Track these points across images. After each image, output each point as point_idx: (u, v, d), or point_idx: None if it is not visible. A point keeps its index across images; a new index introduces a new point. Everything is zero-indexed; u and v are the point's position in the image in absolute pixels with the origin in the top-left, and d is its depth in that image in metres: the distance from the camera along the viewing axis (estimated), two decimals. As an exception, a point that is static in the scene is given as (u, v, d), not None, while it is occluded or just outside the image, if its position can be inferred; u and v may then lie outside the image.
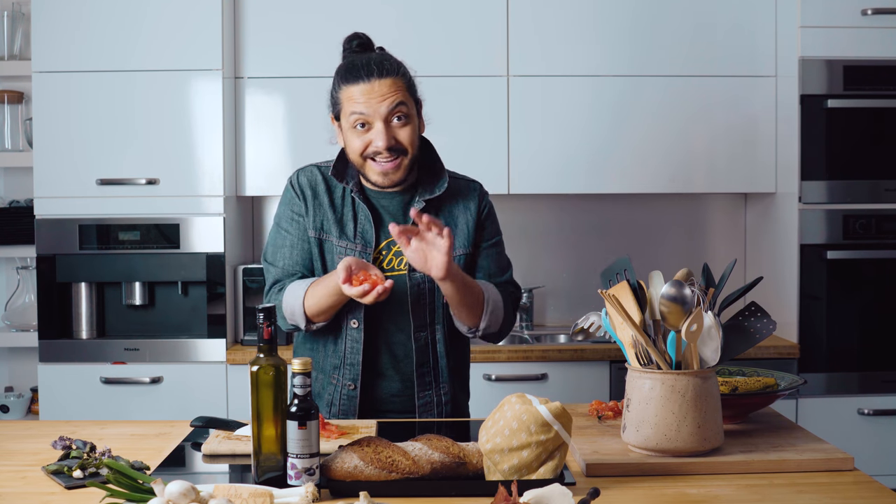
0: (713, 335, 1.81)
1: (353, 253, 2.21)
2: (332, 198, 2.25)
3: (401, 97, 2.15)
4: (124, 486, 1.57)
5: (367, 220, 2.22)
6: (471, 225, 2.28)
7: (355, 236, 2.22)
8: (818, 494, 1.65)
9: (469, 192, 2.31)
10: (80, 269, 3.35)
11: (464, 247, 2.27)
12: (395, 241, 2.17)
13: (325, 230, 2.24)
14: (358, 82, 2.13)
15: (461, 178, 2.34)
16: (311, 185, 2.27)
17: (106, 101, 3.34)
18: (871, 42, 3.34)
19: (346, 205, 2.25)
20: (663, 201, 3.85)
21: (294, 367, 1.65)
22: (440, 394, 2.27)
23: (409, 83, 2.20)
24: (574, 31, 3.49)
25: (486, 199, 2.33)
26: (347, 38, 2.25)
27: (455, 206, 2.28)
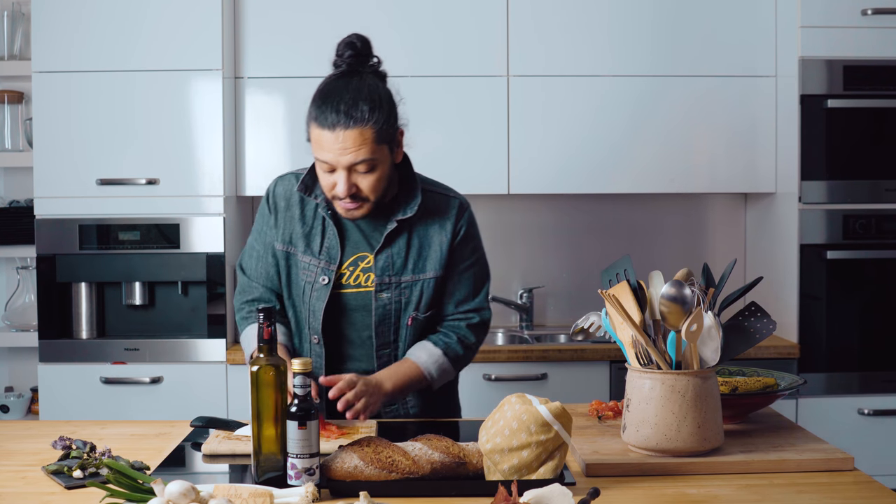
0: (713, 335, 1.81)
1: (316, 269, 2.18)
2: (304, 210, 2.22)
3: (365, 152, 2.04)
4: (124, 486, 1.57)
5: (334, 236, 2.19)
6: (444, 247, 2.22)
7: (320, 252, 2.19)
8: (818, 494, 1.65)
9: (447, 210, 2.23)
10: (80, 269, 3.35)
11: (435, 270, 2.21)
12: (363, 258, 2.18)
13: (292, 243, 2.22)
14: (324, 128, 2.04)
15: (442, 193, 2.26)
16: (286, 195, 2.24)
17: (106, 101, 3.34)
18: (871, 42, 3.34)
19: (316, 218, 2.21)
20: (663, 201, 3.85)
21: (294, 367, 1.65)
22: (406, 408, 2.26)
23: (380, 130, 2.07)
24: (574, 32, 3.49)
25: (464, 219, 2.25)
26: (342, 44, 2.13)
27: (430, 225, 2.21)
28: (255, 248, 2.29)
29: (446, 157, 3.48)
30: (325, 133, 2.04)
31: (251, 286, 2.30)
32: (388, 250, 2.18)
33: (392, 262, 2.18)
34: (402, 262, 2.19)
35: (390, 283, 2.18)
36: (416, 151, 3.47)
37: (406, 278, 2.19)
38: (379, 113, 2.07)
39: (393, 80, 2.24)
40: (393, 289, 2.18)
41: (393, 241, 2.18)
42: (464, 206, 2.26)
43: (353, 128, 2.03)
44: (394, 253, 2.18)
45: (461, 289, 2.26)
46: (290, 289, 2.25)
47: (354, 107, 2.04)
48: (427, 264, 2.20)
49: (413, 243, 2.20)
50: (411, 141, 3.58)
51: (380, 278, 2.17)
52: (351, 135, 2.03)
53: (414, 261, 2.20)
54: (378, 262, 2.18)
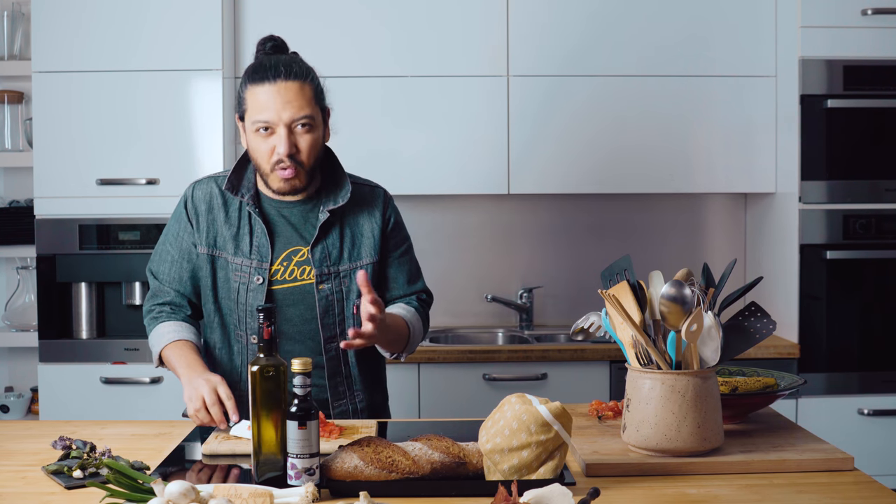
0: (713, 335, 1.81)
1: (249, 270, 2.18)
2: (228, 212, 2.22)
3: (305, 107, 2.09)
4: (124, 486, 1.57)
5: (263, 234, 2.19)
6: (376, 233, 2.25)
7: (251, 251, 2.19)
8: (818, 494, 1.65)
9: (373, 200, 2.28)
10: (80, 269, 3.35)
11: (370, 256, 2.24)
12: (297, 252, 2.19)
13: (218, 247, 2.22)
14: (264, 83, 2.08)
15: (364, 184, 2.31)
16: (206, 199, 2.24)
17: (106, 101, 3.34)
18: (871, 42, 3.34)
19: (242, 218, 2.21)
20: (663, 201, 3.85)
21: (294, 367, 1.65)
22: (355, 401, 2.27)
23: (317, 90, 2.14)
24: (574, 32, 3.49)
25: (391, 206, 2.31)
26: (262, 40, 2.20)
27: (360, 214, 2.25)
28: (170, 252, 2.27)
29: (446, 156, 3.48)
30: (265, 87, 2.08)
31: (162, 290, 2.28)
32: (322, 242, 2.21)
33: (328, 252, 2.20)
34: (337, 253, 2.21)
35: (329, 273, 2.20)
36: (417, 151, 3.49)
37: (344, 267, 2.22)
38: (313, 75, 2.15)
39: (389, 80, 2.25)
40: (333, 279, 2.20)
41: (326, 233, 2.21)
42: (388, 196, 2.33)
43: (294, 80, 2.09)
44: (328, 244, 2.21)
45: (403, 272, 2.31)
46: (217, 291, 2.23)
47: (291, 65, 2.12)
48: (362, 251, 2.24)
49: (346, 233, 2.23)
50: (408, 139, 3.60)
51: (319, 270, 2.19)
52: (292, 87, 2.08)
53: (349, 250, 2.23)
54: (315, 255, 2.19)
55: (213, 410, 2.00)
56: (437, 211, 3.76)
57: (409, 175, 3.48)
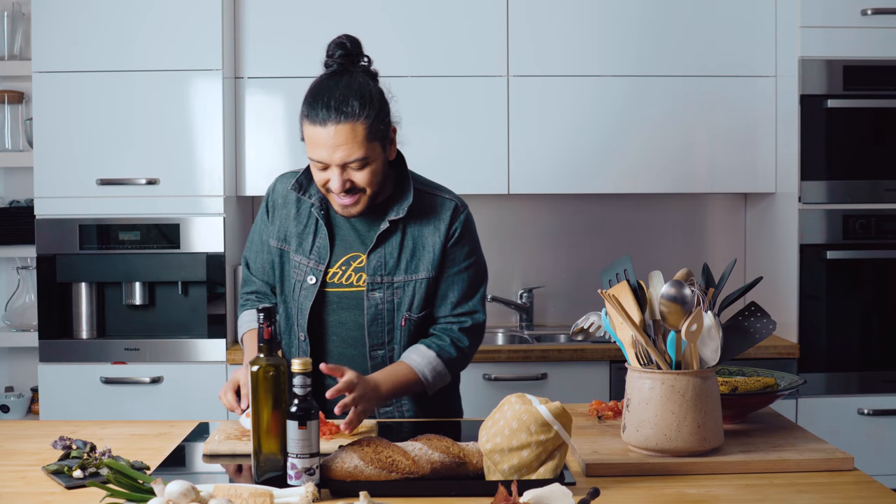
0: (713, 335, 1.81)
1: (306, 269, 2.20)
2: (300, 209, 2.24)
3: (356, 149, 2.04)
4: (124, 486, 1.57)
5: (325, 237, 2.20)
6: (437, 248, 2.20)
7: (311, 251, 2.21)
8: (818, 494, 1.65)
9: (442, 212, 2.21)
10: (80, 269, 3.35)
11: (427, 271, 2.19)
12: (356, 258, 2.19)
13: (286, 241, 2.25)
14: (314, 124, 2.05)
15: (437, 195, 2.24)
16: (284, 194, 2.27)
17: (106, 101, 3.34)
18: (871, 42, 3.34)
19: (310, 218, 2.23)
20: (663, 201, 3.85)
21: (294, 367, 1.65)
22: (401, 409, 2.25)
23: (373, 125, 2.06)
24: (574, 32, 3.49)
25: (459, 221, 2.22)
26: (332, 45, 2.14)
27: (424, 225, 2.20)
28: (255, 242, 2.35)
29: (446, 157, 3.48)
30: (317, 129, 2.05)
31: (251, 279, 2.36)
32: (380, 250, 2.19)
33: (384, 261, 2.18)
34: (394, 263, 2.18)
35: (382, 282, 2.18)
36: (417, 151, 3.48)
37: (398, 278, 2.19)
38: (369, 108, 2.07)
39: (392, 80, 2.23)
40: (385, 288, 2.18)
41: (386, 240, 2.19)
42: (459, 209, 2.24)
43: (344, 122, 2.03)
44: (386, 253, 2.19)
45: (454, 291, 2.23)
46: (283, 285, 2.27)
47: (345, 102, 2.05)
48: (420, 265, 2.19)
49: (406, 244, 2.19)
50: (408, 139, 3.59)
51: (371, 277, 2.18)
52: (342, 130, 2.03)
53: (406, 261, 2.19)
54: (370, 262, 2.18)
55: (225, 397, 2.04)
56: (437, 211, 3.76)
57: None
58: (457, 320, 2.23)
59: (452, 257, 2.22)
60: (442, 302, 2.23)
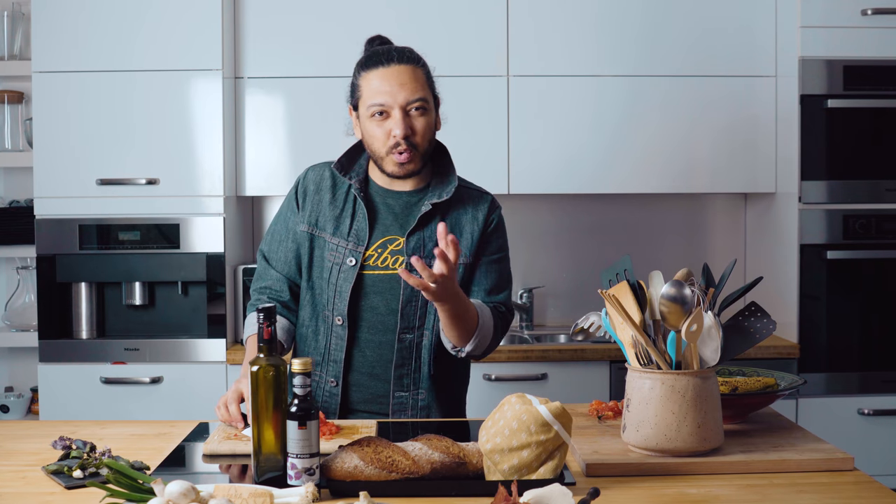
0: (713, 335, 1.81)
1: (345, 251, 2.21)
2: (335, 195, 2.26)
3: (420, 89, 2.16)
4: (124, 486, 1.57)
5: (364, 218, 2.22)
6: (475, 235, 2.25)
7: (349, 234, 2.22)
8: (818, 494, 1.65)
9: (479, 202, 2.28)
10: (80, 269, 3.35)
11: (465, 256, 2.24)
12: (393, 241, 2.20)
13: (318, 226, 2.25)
14: (378, 67, 2.15)
15: (474, 189, 2.32)
16: (316, 181, 2.29)
17: (106, 101, 3.34)
18: (871, 42, 3.34)
19: (347, 202, 2.25)
20: (663, 201, 3.85)
21: (294, 367, 1.65)
22: (416, 398, 2.23)
23: (429, 75, 2.21)
24: (574, 32, 3.49)
25: (496, 213, 2.30)
26: (370, 39, 2.27)
27: (463, 213, 2.26)
28: (279, 231, 2.33)
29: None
30: (381, 71, 2.15)
31: (267, 272, 2.33)
32: (419, 233, 2.21)
33: (423, 244, 2.20)
34: (433, 246, 2.20)
35: None
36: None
37: None
38: (424, 61, 2.22)
39: None
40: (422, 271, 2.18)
41: (426, 224, 2.21)
42: (496, 203, 2.33)
43: (408, 64, 2.16)
44: (426, 236, 2.21)
45: (489, 279, 2.27)
46: (312, 270, 2.26)
47: (406, 51, 2.19)
48: None
49: None
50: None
51: (409, 258, 2.19)
52: (406, 70, 2.15)
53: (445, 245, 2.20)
54: (409, 244, 2.20)
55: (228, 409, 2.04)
56: (437, 211, 3.76)
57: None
58: (492, 304, 2.25)
59: (489, 246, 2.27)
60: (476, 287, 2.26)
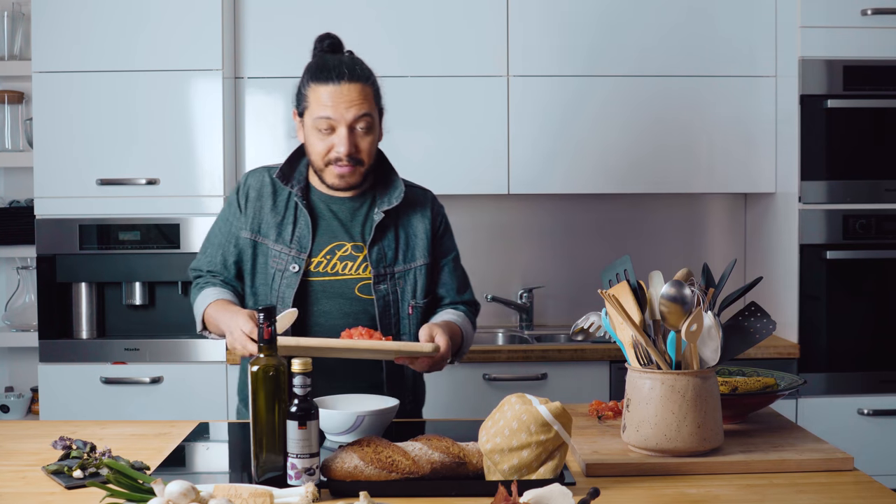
0: (713, 335, 1.81)
1: (287, 257, 2.21)
2: (276, 201, 2.26)
3: (367, 107, 2.16)
4: (124, 486, 1.57)
5: (306, 225, 2.22)
6: (428, 234, 2.30)
7: (291, 240, 2.23)
8: (818, 494, 1.65)
9: (424, 201, 2.33)
10: (80, 269, 3.35)
11: (424, 257, 2.28)
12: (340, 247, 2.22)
13: (262, 233, 2.25)
14: (328, 83, 2.14)
15: (415, 187, 2.35)
16: (257, 187, 2.29)
17: (106, 101, 3.34)
18: (871, 42, 3.34)
19: (289, 208, 2.25)
20: (663, 201, 3.85)
21: (294, 367, 1.65)
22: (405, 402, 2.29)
23: (376, 92, 2.21)
24: (573, 32, 3.49)
25: (441, 213, 2.36)
26: (319, 38, 2.25)
27: (413, 214, 2.30)
28: (217, 235, 2.32)
29: (446, 157, 3.48)
30: (329, 87, 2.14)
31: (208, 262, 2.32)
32: (379, 243, 2.24)
33: (384, 253, 2.24)
34: (392, 254, 2.25)
35: (385, 274, 2.23)
36: (417, 151, 3.49)
37: (399, 268, 2.25)
38: (374, 76, 2.21)
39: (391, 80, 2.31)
40: (388, 280, 2.23)
41: (382, 233, 2.25)
42: (436, 199, 2.38)
43: (356, 82, 2.15)
44: (384, 245, 2.25)
45: (454, 279, 2.35)
46: (255, 277, 2.27)
47: (357, 65, 2.18)
48: (416, 253, 2.28)
49: (400, 234, 2.27)
50: (408, 138, 3.60)
51: (376, 270, 2.22)
52: (355, 88, 2.14)
53: (403, 251, 2.26)
54: (372, 255, 2.23)
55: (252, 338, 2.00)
56: (437, 211, 3.76)
57: (410, 175, 3.44)
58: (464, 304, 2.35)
59: (445, 246, 2.34)
60: (446, 289, 2.34)
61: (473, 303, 2.39)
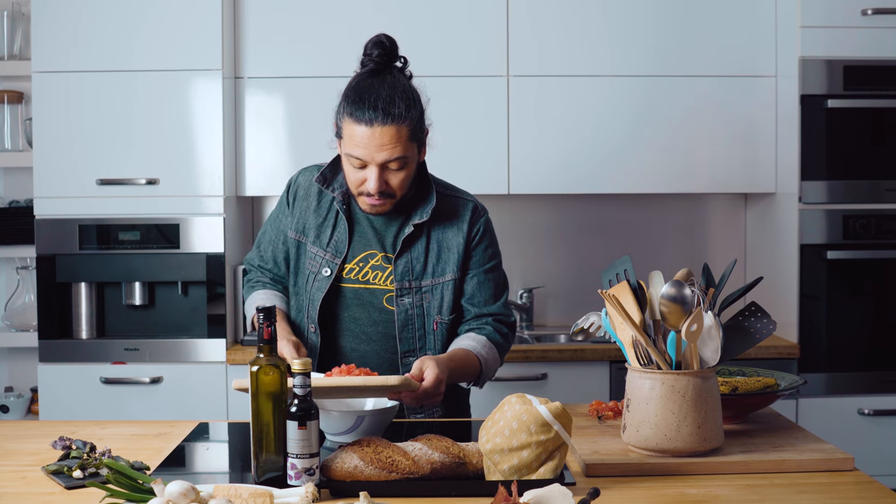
0: (713, 335, 1.81)
1: (322, 260, 2.20)
2: (321, 202, 2.25)
3: (399, 150, 2.06)
4: (124, 486, 1.57)
5: (344, 231, 2.21)
6: (461, 249, 2.21)
7: (328, 244, 2.21)
8: (818, 494, 1.65)
9: (463, 213, 2.24)
10: (80, 269, 3.35)
11: (454, 272, 2.21)
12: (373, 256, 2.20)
13: (304, 233, 2.25)
14: (360, 123, 2.05)
15: (458, 197, 2.27)
16: (306, 186, 2.28)
17: (106, 101, 3.34)
18: (871, 42, 3.34)
19: (330, 211, 2.24)
20: (663, 201, 3.85)
21: (294, 367, 1.65)
22: (432, 411, 2.25)
23: (415, 126, 2.09)
24: (574, 32, 3.49)
25: (480, 221, 2.25)
26: (370, 44, 2.13)
27: (448, 227, 2.22)
28: (269, 231, 2.35)
29: (446, 157, 3.47)
30: (362, 128, 2.05)
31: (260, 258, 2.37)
32: (406, 255, 2.19)
33: (411, 266, 2.19)
34: (421, 267, 2.20)
35: (410, 287, 2.19)
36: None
37: (426, 282, 2.20)
38: (414, 111, 2.09)
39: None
40: (413, 293, 2.19)
41: (411, 245, 2.19)
42: (479, 210, 2.27)
43: (391, 125, 2.04)
44: (413, 258, 2.19)
45: (483, 291, 2.24)
46: (297, 277, 2.27)
47: (392, 104, 2.05)
48: (447, 267, 2.21)
49: (431, 247, 2.20)
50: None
51: (400, 283, 2.18)
52: (388, 131, 2.04)
53: (433, 264, 2.20)
54: (398, 267, 2.18)
55: None
56: (437, 211, 3.76)
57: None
58: (491, 318, 2.25)
59: (479, 257, 2.24)
60: (471, 302, 2.24)
61: (502, 315, 2.26)
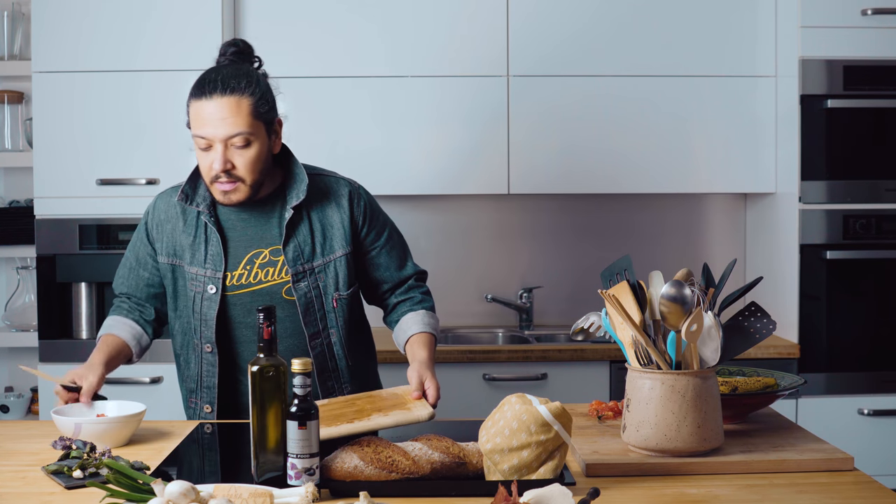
0: (713, 335, 1.81)
1: (204, 279, 2.18)
2: (186, 221, 2.21)
3: (241, 123, 2.06)
4: (124, 486, 1.57)
5: (218, 243, 2.18)
6: (346, 223, 2.22)
7: (206, 261, 2.18)
8: (818, 494, 1.65)
9: (339, 190, 2.25)
10: (80, 269, 3.35)
11: (343, 248, 2.22)
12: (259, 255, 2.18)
13: (177, 256, 2.22)
14: (200, 98, 2.07)
15: (331, 177, 2.29)
16: (166, 209, 2.24)
17: (106, 100, 3.33)
18: (871, 42, 3.34)
19: (199, 227, 2.20)
20: (663, 201, 3.85)
21: (294, 367, 1.65)
22: (344, 394, 2.24)
23: (258, 103, 2.09)
24: (574, 32, 3.49)
25: (357, 194, 2.27)
26: (224, 45, 2.20)
27: (327, 205, 2.23)
28: (128, 260, 2.32)
29: (446, 156, 3.48)
30: (203, 103, 2.07)
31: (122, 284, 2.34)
32: (293, 240, 2.19)
33: (301, 250, 2.19)
34: (310, 249, 2.20)
35: (304, 270, 2.19)
36: (416, 151, 3.49)
37: (318, 263, 2.20)
38: (255, 87, 2.10)
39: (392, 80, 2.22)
40: (308, 276, 2.19)
41: (295, 229, 2.19)
42: (355, 185, 2.30)
43: (230, 95, 2.06)
44: (300, 241, 2.19)
45: (393, 258, 2.31)
46: (177, 300, 2.24)
47: (232, 78, 2.09)
48: (334, 244, 2.22)
49: (315, 227, 2.21)
50: (408, 138, 3.59)
51: (294, 268, 2.18)
52: (227, 102, 2.06)
53: (321, 244, 2.21)
54: (288, 254, 2.18)
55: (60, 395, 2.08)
56: (437, 211, 3.76)
57: (410, 175, 3.49)
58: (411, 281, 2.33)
59: (374, 230, 2.28)
60: (385, 273, 2.30)
61: (416, 275, 2.34)
